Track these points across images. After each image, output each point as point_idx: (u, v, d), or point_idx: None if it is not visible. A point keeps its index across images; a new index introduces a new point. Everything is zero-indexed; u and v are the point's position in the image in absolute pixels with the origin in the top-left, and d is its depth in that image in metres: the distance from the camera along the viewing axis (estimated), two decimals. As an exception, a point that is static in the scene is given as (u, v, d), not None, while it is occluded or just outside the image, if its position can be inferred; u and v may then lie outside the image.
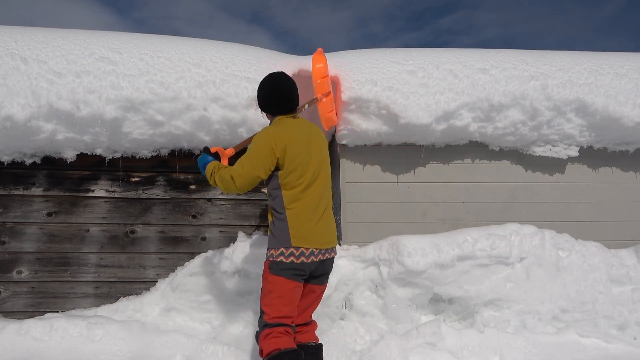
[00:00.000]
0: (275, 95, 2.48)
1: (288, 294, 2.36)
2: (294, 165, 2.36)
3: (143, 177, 3.77)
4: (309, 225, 2.37)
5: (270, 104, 2.51)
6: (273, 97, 2.49)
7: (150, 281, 3.62)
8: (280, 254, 2.36)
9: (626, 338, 3.40)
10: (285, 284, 2.34)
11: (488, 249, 3.45)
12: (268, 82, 2.53)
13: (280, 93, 2.49)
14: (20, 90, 3.35)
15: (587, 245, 3.70)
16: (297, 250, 2.34)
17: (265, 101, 2.52)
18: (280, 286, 2.35)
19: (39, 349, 2.91)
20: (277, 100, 2.49)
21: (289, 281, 2.35)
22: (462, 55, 4.21)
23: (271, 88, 2.50)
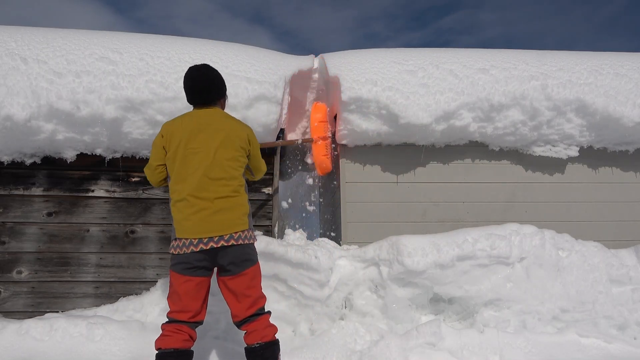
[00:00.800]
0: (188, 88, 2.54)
1: (180, 289, 2.36)
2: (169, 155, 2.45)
3: (143, 177, 3.77)
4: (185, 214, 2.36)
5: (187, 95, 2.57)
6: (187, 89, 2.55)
7: (150, 281, 3.62)
8: (171, 247, 2.41)
9: (626, 338, 3.40)
10: (177, 278, 2.37)
11: (488, 249, 3.45)
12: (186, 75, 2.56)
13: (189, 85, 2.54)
14: (20, 90, 3.35)
15: (587, 245, 3.69)
16: (179, 241, 2.35)
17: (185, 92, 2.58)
18: (174, 280, 2.39)
19: (39, 349, 2.91)
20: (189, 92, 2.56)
21: (179, 275, 2.36)
22: (462, 55, 4.21)
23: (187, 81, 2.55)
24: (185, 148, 2.40)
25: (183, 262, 2.35)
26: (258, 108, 3.62)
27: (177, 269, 2.37)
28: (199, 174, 2.37)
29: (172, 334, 2.33)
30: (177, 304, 2.37)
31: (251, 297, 2.42)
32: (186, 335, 2.35)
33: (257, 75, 3.69)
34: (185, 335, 2.35)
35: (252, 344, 2.38)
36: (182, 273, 2.36)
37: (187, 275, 2.35)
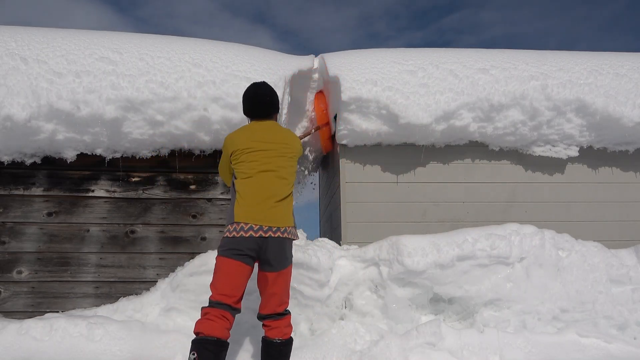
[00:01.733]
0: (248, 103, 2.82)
1: (232, 271, 2.47)
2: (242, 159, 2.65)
3: (143, 177, 3.77)
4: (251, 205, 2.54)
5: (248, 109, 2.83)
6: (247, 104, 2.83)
7: (150, 281, 3.62)
8: (226, 231, 2.54)
9: (626, 338, 3.40)
10: (228, 263, 2.47)
11: (488, 249, 3.45)
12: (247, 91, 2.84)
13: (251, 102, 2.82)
14: (20, 90, 3.35)
15: (587, 245, 3.69)
16: (237, 225, 2.50)
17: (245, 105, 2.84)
18: (223, 265, 2.49)
19: (39, 349, 2.91)
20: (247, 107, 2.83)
21: (230, 260, 2.47)
22: (462, 55, 4.21)
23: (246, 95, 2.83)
24: (251, 153, 2.63)
25: (235, 247, 2.47)
26: (258, 108, 3.62)
27: (229, 254, 2.48)
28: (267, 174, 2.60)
29: (216, 319, 2.38)
30: (225, 287, 2.44)
31: (283, 296, 2.62)
32: (228, 323, 2.42)
33: (257, 75, 3.69)
34: (227, 323, 2.42)
35: (274, 339, 2.57)
36: (234, 258, 2.47)
37: (239, 261, 2.47)
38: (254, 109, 2.79)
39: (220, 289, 2.45)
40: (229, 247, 2.49)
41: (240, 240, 2.47)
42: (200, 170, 3.81)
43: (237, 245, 2.47)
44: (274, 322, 2.59)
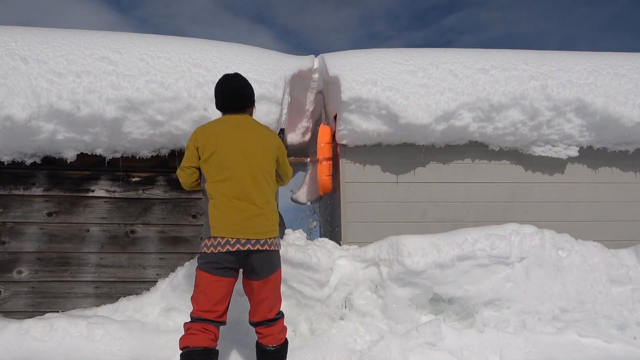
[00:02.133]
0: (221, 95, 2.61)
1: (209, 288, 2.35)
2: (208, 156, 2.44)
3: (143, 177, 3.77)
4: (225, 214, 2.37)
5: (218, 102, 2.63)
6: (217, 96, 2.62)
7: (150, 281, 3.62)
8: (203, 246, 2.40)
9: (626, 338, 3.40)
10: (207, 278, 2.36)
11: (488, 249, 3.45)
12: (219, 82, 2.63)
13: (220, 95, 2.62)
14: (20, 90, 3.35)
15: (587, 245, 3.69)
16: (214, 240, 2.35)
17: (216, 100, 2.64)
18: (202, 280, 2.37)
19: (39, 349, 2.91)
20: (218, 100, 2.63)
21: (209, 275, 2.36)
22: (462, 55, 4.21)
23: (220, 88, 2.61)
24: (223, 151, 2.42)
25: (214, 261, 2.34)
26: (258, 108, 3.61)
27: (208, 268, 2.35)
28: (242, 177, 2.40)
29: (199, 333, 2.30)
30: (205, 304, 2.34)
31: (272, 302, 2.50)
32: (212, 335, 2.34)
33: (257, 75, 3.69)
34: (211, 335, 2.33)
35: (268, 346, 2.48)
36: (212, 273, 2.35)
37: (218, 276, 2.35)
38: (225, 101, 2.58)
39: (202, 305, 2.35)
40: (207, 260, 2.36)
41: (219, 256, 2.34)
42: (200, 170, 3.81)
43: (216, 259, 2.34)
44: (266, 329, 2.48)
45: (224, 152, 2.42)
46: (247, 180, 2.41)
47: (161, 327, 3.23)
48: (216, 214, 2.37)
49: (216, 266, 2.35)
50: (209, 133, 2.46)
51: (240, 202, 2.38)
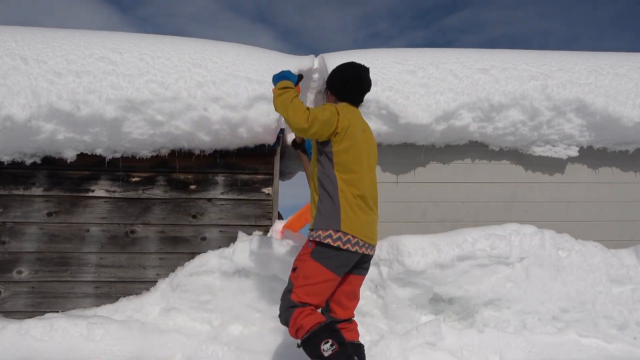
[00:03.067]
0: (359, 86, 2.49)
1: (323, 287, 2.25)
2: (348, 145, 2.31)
3: (143, 177, 3.77)
4: (359, 215, 2.30)
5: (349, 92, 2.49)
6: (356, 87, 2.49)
7: (150, 281, 3.62)
8: (328, 236, 2.24)
9: (626, 338, 3.40)
10: (325, 274, 2.24)
11: (488, 249, 3.45)
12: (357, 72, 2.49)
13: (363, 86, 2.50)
14: (20, 90, 3.35)
15: (587, 245, 3.69)
16: (344, 235, 2.24)
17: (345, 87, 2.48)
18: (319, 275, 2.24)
19: (39, 349, 2.91)
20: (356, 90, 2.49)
21: (329, 272, 2.24)
22: (462, 55, 4.21)
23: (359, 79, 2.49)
24: (358, 148, 2.34)
25: (340, 258, 2.24)
26: (258, 108, 3.62)
27: (331, 265, 2.23)
28: (367, 180, 2.37)
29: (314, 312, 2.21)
30: (317, 299, 2.24)
31: (358, 300, 2.52)
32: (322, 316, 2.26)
33: (257, 75, 3.69)
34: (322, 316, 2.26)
35: (355, 340, 2.42)
36: (334, 271, 2.24)
37: (337, 275, 2.27)
38: (358, 95, 2.46)
39: (313, 299, 2.23)
40: (331, 255, 2.22)
41: (348, 256, 2.24)
42: (200, 170, 3.81)
43: (344, 257, 2.24)
44: (352, 324, 2.45)
45: (358, 150, 2.34)
46: (370, 184, 2.40)
47: (161, 327, 3.23)
48: (349, 211, 2.27)
49: (340, 264, 2.25)
50: (353, 124, 2.34)
51: (367, 205, 2.35)
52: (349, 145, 2.31)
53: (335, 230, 2.24)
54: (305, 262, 2.27)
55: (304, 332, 2.14)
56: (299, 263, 2.30)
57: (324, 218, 2.29)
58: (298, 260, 2.32)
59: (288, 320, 2.21)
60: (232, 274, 3.39)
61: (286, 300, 2.26)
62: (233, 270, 3.38)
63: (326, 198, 2.31)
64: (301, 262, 2.30)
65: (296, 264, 2.31)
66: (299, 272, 2.27)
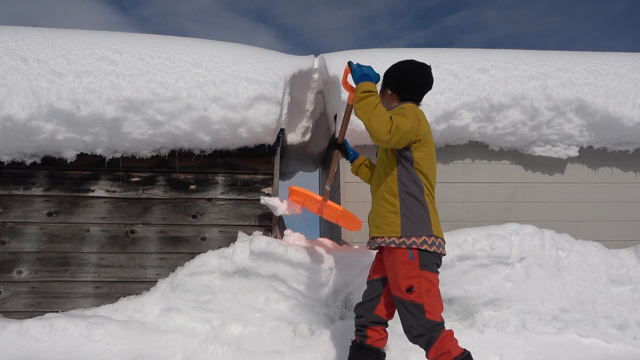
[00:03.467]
0: (425, 84, 2.43)
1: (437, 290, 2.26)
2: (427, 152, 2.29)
3: (143, 177, 3.77)
4: (438, 217, 2.33)
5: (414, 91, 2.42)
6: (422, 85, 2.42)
7: (150, 281, 3.62)
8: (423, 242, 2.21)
9: (626, 338, 3.40)
10: (434, 278, 2.24)
11: (488, 249, 3.45)
12: (423, 70, 2.42)
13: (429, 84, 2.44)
14: (20, 90, 3.35)
15: (587, 245, 3.70)
16: (437, 239, 2.25)
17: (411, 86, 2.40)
18: (434, 281, 2.24)
19: (39, 349, 2.91)
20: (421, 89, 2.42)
21: (435, 275, 2.25)
22: (462, 55, 4.21)
23: (426, 76, 2.42)
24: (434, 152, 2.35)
25: (438, 262, 2.26)
26: (258, 108, 3.62)
27: (435, 269, 2.25)
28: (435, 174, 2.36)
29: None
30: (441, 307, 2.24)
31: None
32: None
33: (257, 75, 3.69)
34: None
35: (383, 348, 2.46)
36: (437, 273, 2.26)
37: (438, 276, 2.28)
38: (423, 91, 2.39)
39: (441, 308, 2.24)
40: (435, 261, 2.23)
41: (440, 257, 2.27)
42: (200, 170, 3.81)
43: (439, 260, 2.26)
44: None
45: (434, 154, 2.34)
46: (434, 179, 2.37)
47: (161, 327, 3.23)
48: (434, 214, 2.28)
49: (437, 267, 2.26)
50: (429, 130, 2.32)
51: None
52: (428, 152, 2.29)
53: (429, 235, 2.22)
54: (420, 276, 2.19)
55: (451, 358, 2.12)
56: (413, 281, 2.19)
57: (414, 223, 2.23)
58: (409, 279, 2.20)
59: (433, 342, 2.16)
60: (232, 274, 3.39)
61: (424, 322, 2.18)
62: (233, 270, 3.38)
63: (413, 202, 2.25)
64: (415, 279, 2.19)
65: (409, 283, 2.19)
66: (418, 289, 2.18)
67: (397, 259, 2.23)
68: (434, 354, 2.15)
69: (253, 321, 3.30)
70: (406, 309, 2.21)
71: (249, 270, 3.37)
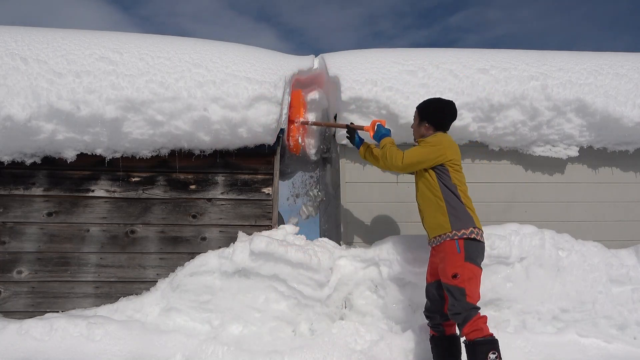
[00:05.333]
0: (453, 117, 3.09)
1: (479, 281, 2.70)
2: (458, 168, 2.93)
3: (143, 177, 3.77)
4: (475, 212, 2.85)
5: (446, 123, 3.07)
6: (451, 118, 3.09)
7: (150, 281, 3.62)
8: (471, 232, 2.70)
9: (626, 338, 3.40)
10: (478, 271, 2.68)
11: (488, 249, 3.44)
12: (449, 106, 3.07)
13: (455, 116, 3.11)
14: (20, 90, 3.35)
15: (587, 245, 3.69)
16: (479, 230, 2.74)
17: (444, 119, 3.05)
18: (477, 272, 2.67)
19: (39, 349, 2.91)
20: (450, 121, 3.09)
21: (480, 269, 2.69)
22: (462, 55, 4.21)
23: (453, 111, 3.08)
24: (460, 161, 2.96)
25: (482, 253, 2.73)
26: (258, 108, 3.62)
27: (479, 262, 2.70)
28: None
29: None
30: (478, 296, 2.67)
31: None
32: None
33: (257, 75, 3.69)
34: None
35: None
36: (480, 267, 2.70)
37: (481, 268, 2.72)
38: (449, 122, 3.06)
39: (478, 297, 2.65)
40: (478, 250, 2.68)
41: (483, 246, 2.73)
42: (200, 170, 3.81)
43: (483, 254, 2.72)
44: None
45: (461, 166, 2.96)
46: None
47: (161, 327, 3.23)
48: (472, 210, 2.82)
49: (482, 260, 2.72)
50: (457, 150, 2.96)
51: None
52: (458, 168, 2.92)
53: (473, 227, 2.73)
54: (464, 267, 2.64)
55: (481, 335, 2.52)
56: (458, 269, 2.64)
57: (456, 219, 2.75)
58: (455, 268, 2.66)
59: (468, 319, 2.56)
60: (232, 274, 3.39)
61: (464, 303, 2.59)
62: (233, 270, 3.38)
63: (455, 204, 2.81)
64: (459, 268, 2.64)
65: (455, 271, 2.65)
66: (461, 276, 2.62)
67: (447, 251, 2.72)
68: (468, 329, 2.55)
69: (253, 321, 3.30)
70: (451, 292, 2.64)
71: (249, 270, 3.37)
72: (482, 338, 2.51)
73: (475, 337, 2.51)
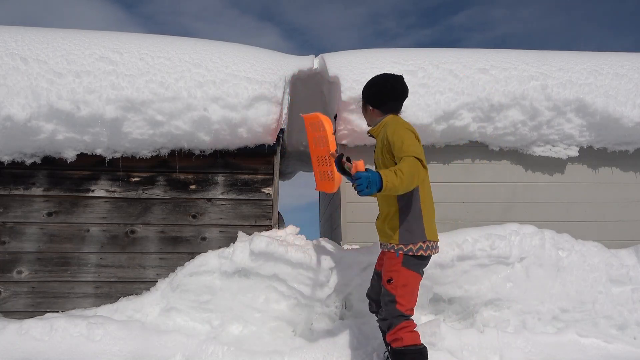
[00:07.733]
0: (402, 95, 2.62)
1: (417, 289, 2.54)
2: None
3: (143, 177, 3.77)
4: (432, 219, 2.55)
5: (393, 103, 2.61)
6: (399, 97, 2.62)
7: (150, 281, 3.62)
8: (419, 248, 2.47)
9: (626, 338, 3.40)
10: (417, 278, 2.51)
11: (488, 249, 3.45)
12: (396, 83, 2.60)
13: (405, 94, 2.64)
14: (20, 90, 3.35)
15: (587, 245, 3.69)
16: (430, 243, 2.49)
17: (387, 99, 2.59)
18: (415, 281, 2.50)
19: (39, 349, 2.91)
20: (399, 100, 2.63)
21: (420, 276, 2.52)
22: (462, 55, 4.21)
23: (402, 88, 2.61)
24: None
25: (425, 263, 2.53)
26: (258, 108, 3.62)
27: (419, 269, 2.51)
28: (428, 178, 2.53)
29: (416, 332, 2.45)
30: (412, 302, 2.49)
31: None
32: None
33: (257, 75, 3.69)
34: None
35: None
36: (421, 274, 2.53)
37: (422, 276, 2.55)
38: (401, 102, 2.62)
39: (412, 303, 2.48)
40: (421, 261, 2.49)
41: (429, 258, 2.54)
42: (200, 170, 3.81)
43: (427, 261, 2.54)
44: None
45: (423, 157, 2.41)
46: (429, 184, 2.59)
47: (161, 327, 3.23)
48: (428, 219, 2.51)
49: (424, 267, 2.54)
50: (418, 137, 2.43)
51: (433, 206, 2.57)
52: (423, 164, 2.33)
53: (423, 240, 2.47)
54: (400, 272, 2.46)
55: (400, 345, 2.39)
56: (393, 274, 2.47)
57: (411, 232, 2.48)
58: (390, 272, 2.49)
59: (392, 327, 2.43)
60: (232, 274, 3.39)
61: (392, 310, 2.45)
62: (233, 270, 3.38)
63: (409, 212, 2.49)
64: (395, 272, 2.47)
65: (390, 275, 2.48)
66: (395, 282, 2.46)
67: (387, 255, 2.56)
68: (390, 337, 2.44)
69: (253, 321, 3.30)
70: (383, 296, 2.52)
71: (249, 270, 3.37)
72: (403, 347, 2.37)
73: (396, 346, 2.40)
